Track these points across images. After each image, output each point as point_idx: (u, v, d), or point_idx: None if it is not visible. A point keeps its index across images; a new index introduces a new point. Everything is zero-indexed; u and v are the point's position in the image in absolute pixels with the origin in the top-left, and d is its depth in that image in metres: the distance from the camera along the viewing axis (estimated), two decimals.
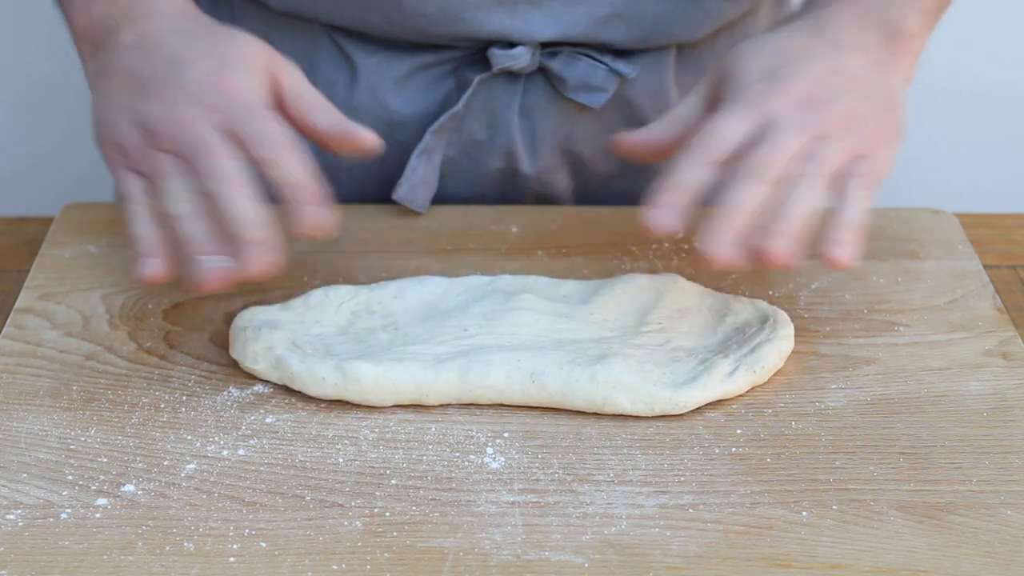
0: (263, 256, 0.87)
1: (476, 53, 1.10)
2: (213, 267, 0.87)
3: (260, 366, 0.91)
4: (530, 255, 1.05)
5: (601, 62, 1.10)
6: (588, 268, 1.04)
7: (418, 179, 1.10)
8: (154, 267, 0.89)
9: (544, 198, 1.17)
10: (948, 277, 1.03)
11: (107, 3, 0.96)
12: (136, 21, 0.95)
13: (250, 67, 0.91)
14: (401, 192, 1.10)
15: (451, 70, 1.11)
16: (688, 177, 0.89)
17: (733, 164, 0.89)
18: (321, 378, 0.89)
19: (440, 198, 1.14)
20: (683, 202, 0.89)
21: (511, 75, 1.10)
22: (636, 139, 0.97)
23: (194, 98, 0.89)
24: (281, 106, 0.93)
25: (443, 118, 1.09)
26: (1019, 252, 1.10)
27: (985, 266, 1.04)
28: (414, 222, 1.09)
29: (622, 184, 1.17)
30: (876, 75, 0.95)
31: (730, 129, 0.90)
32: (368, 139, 0.93)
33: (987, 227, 1.12)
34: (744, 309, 0.96)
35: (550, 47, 1.09)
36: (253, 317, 0.94)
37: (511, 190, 1.16)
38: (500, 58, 1.08)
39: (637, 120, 1.14)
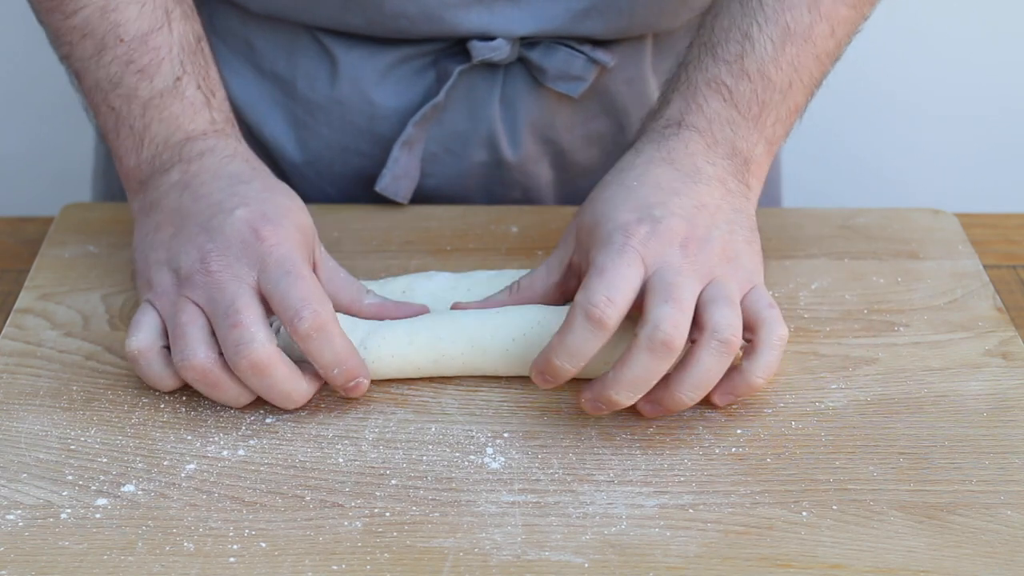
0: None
1: (456, 45, 1.11)
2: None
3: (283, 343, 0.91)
4: (530, 255, 1.05)
5: (580, 51, 1.11)
6: None
7: (400, 170, 1.11)
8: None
9: (528, 190, 1.17)
10: (948, 277, 1.03)
11: (159, 146, 0.96)
12: (187, 161, 0.95)
13: (290, 222, 0.91)
14: (383, 183, 1.11)
15: (432, 62, 1.12)
16: (582, 345, 0.85)
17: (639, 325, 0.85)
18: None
19: (425, 194, 1.14)
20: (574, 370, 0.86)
21: (491, 66, 1.11)
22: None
23: (230, 249, 0.89)
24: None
25: (424, 108, 1.10)
26: (1019, 252, 1.10)
27: (985, 266, 1.04)
28: (414, 222, 1.09)
29: (604, 174, 1.17)
30: (735, 204, 0.93)
31: (624, 280, 0.86)
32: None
33: (987, 227, 1.12)
34: None
35: (529, 39, 1.10)
36: None
37: (495, 182, 1.16)
38: (480, 50, 1.09)
39: (615, 108, 1.15)
